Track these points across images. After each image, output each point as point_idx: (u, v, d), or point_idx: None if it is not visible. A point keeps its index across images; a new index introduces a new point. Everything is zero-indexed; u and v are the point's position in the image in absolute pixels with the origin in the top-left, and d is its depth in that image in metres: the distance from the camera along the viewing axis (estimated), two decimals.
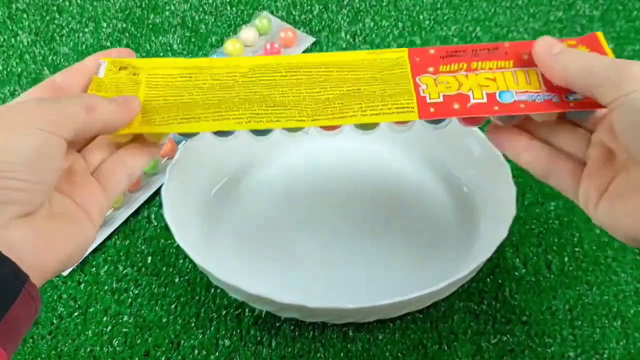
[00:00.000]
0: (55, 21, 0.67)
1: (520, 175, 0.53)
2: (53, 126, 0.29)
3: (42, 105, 0.30)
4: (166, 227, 0.51)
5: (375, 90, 0.35)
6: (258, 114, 0.34)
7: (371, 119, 0.34)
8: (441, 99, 0.34)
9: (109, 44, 0.65)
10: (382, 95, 0.34)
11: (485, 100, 0.34)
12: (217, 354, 0.44)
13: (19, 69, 0.63)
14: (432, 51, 0.36)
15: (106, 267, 0.49)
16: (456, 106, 0.34)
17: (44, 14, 0.68)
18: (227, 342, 0.45)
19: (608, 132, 0.33)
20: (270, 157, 0.54)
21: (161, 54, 0.64)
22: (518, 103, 0.34)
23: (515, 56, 0.35)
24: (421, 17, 0.67)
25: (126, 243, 0.50)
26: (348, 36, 0.66)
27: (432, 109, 0.34)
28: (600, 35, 0.35)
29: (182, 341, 0.45)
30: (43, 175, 0.29)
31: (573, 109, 0.33)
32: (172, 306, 0.47)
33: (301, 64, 0.36)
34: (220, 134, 0.35)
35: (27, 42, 0.65)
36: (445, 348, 0.45)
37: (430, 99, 0.34)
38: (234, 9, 0.69)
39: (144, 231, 0.51)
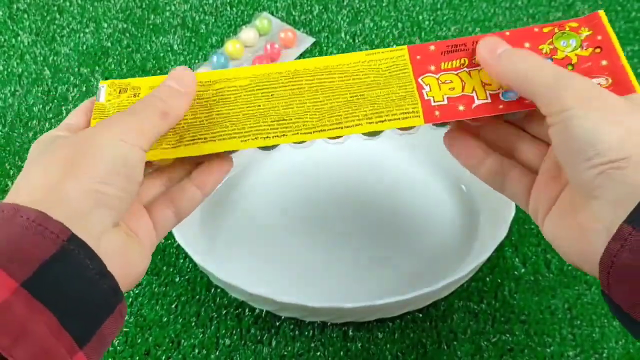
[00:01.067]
0: (56, 21, 0.68)
1: None
2: (134, 137, 0.30)
3: (122, 119, 0.30)
4: None
5: (379, 94, 0.34)
6: (264, 130, 0.34)
7: (377, 126, 0.33)
8: (445, 102, 0.34)
9: (109, 44, 0.65)
10: (386, 100, 0.34)
11: (489, 100, 0.34)
12: (217, 353, 0.44)
13: (20, 69, 0.63)
14: (432, 47, 0.35)
15: None
16: (461, 108, 0.34)
17: (45, 14, 0.68)
18: (227, 341, 0.45)
19: None
20: (271, 157, 0.54)
21: (161, 54, 0.64)
22: (523, 99, 0.33)
23: (517, 44, 0.34)
24: (421, 17, 0.68)
25: None
26: (348, 37, 0.66)
27: (437, 112, 0.34)
28: (602, 14, 0.34)
29: (183, 340, 0.45)
30: (130, 184, 0.29)
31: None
32: (173, 305, 0.47)
33: (301, 71, 0.36)
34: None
35: (28, 43, 0.66)
36: (445, 347, 0.45)
37: (434, 101, 0.34)
38: (234, 9, 0.69)
39: None
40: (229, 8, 0.69)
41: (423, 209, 0.51)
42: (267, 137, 0.34)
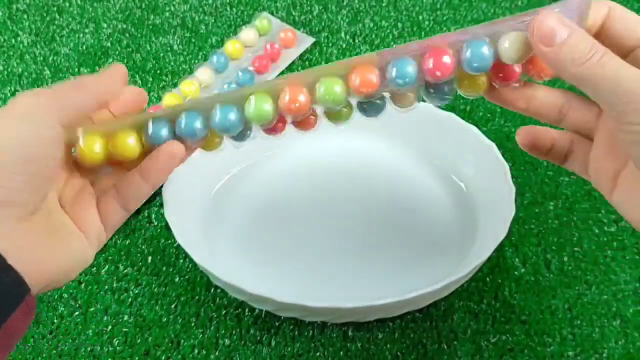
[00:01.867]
0: (56, 22, 0.68)
1: (519, 175, 0.53)
2: (46, 111, 0.28)
3: (35, 94, 0.29)
4: (166, 227, 0.51)
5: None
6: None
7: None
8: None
9: (109, 44, 0.65)
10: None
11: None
12: (217, 353, 0.44)
13: (20, 69, 0.63)
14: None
15: (107, 266, 0.49)
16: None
17: (45, 15, 0.68)
18: (227, 342, 0.45)
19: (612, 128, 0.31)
20: (270, 157, 0.54)
21: (161, 55, 0.64)
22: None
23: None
24: (421, 17, 0.68)
25: (127, 243, 0.50)
26: (348, 36, 0.66)
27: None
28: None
29: (182, 340, 0.45)
30: (40, 165, 0.28)
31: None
32: (172, 305, 0.47)
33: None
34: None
35: (28, 43, 0.66)
36: (445, 347, 0.45)
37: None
38: (234, 9, 0.69)
39: (144, 231, 0.51)
40: (228, 8, 0.69)
41: (423, 208, 0.51)
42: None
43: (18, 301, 0.27)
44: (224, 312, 0.46)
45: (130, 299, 0.47)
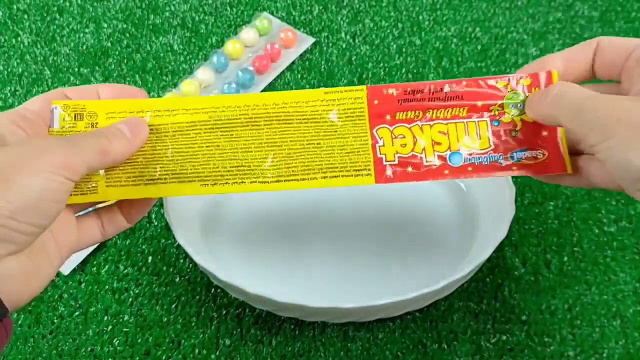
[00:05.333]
0: (56, 22, 0.68)
1: (519, 175, 0.53)
2: (67, 171, 0.29)
3: (59, 146, 0.29)
4: (167, 227, 0.51)
5: (334, 145, 0.36)
6: (222, 176, 0.35)
7: (331, 182, 0.35)
8: (396, 161, 0.36)
9: (109, 44, 0.65)
10: (341, 153, 0.36)
11: (437, 163, 0.36)
12: (217, 353, 0.45)
13: (20, 69, 0.63)
14: (390, 91, 0.36)
15: (107, 266, 0.49)
16: (410, 170, 0.36)
17: (45, 15, 0.68)
18: (227, 342, 0.45)
19: None
20: None
21: (161, 55, 0.64)
22: (466, 166, 0.36)
23: (470, 101, 0.36)
24: (421, 17, 0.68)
25: (127, 242, 0.50)
26: (348, 37, 0.66)
27: (388, 173, 0.36)
28: (555, 75, 0.35)
29: (183, 340, 0.45)
30: (45, 219, 0.29)
31: (515, 174, 0.36)
32: (173, 305, 0.47)
33: (260, 107, 0.36)
34: None
35: (28, 43, 0.66)
36: (445, 347, 0.45)
37: (386, 160, 0.36)
38: (234, 9, 0.69)
39: (144, 231, 0.51)
40: (229, 8, 0.69)
41: (423, 209, 0.51)
42: (227, 183, 0.35)
43: None
44: (224, 312, 0.46)
45: (130, 299, 0.47)
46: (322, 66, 0.63)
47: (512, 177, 0.47)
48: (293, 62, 0.64)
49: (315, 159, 0.35)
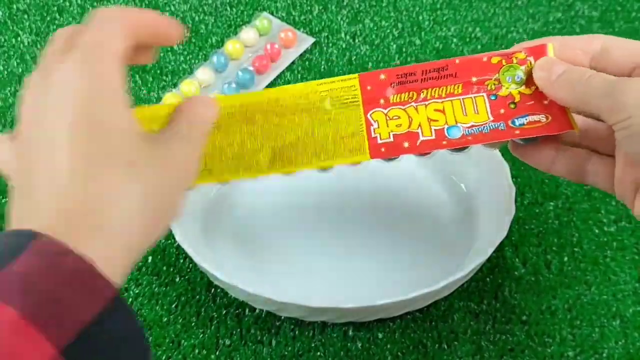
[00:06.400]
0: (56, 22, 0.68)
1: (519, 175, 0.53)
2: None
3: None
4: None
5: (328, 133, 0.36)
6: (219, 167, 0.35)
7: (325, 163, 0.35)
8: (391, 139, 0.35)
9: None
10: (335, 138, 0.35)
11: (433, 137, 0.35)
12: (217, 353, 0.44)
13: (20, 70, 0.63)
14: (382, 76, 0.36)
15: None
16: (406, 144, 0.35)
17: (45, 15, 0.68)
18: (227, 342, 0.45)
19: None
20: None
21: (161, 54, 0.64)
22: (466, 137, 0.35)
23: (464, 79, 0.36)
24: (421, 17, 0.68)
25: None
26: (348, 37, 0.66)
27: (382, 149, 0.35)
28: (550, 47, 0.35)
29: (183, 340, 0.45)
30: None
31: (518, 136, 0.35)
32: (173, 305, 0.47)
33: (257, 108, 0.36)
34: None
35: (28, 43, 0.66)
36: (445, 347, 0.45)
37: (381, 139, 0.35)
38: (234, 9, 0.69)
39: None
40: (229, 8, 0.69)
41: (423, 208, 0.51)
42: (222, 173, 0.35)
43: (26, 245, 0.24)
44: (224, 312, 0.46)
45: (130, 299, 0.47)
46: (322, 66, 0.63)
47: (512, 176, 0.47)
48: (293, 62, 0.64)
49: (309, 147, 0.36)
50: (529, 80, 0.35)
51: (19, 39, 0.66)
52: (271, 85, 0.62)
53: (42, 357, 0.21)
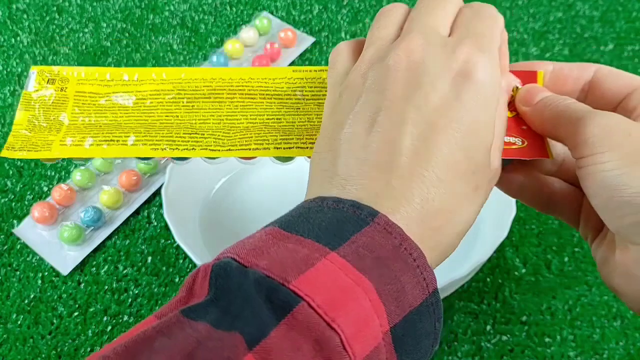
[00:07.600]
0: (55, 21, 0.67)
1: None
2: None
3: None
4: (166, 227, 0.51)
5: (295, 122, 0.34)
6: (174, 141, 0.34)
7: (284, 152, 0.34)
8: None
9: (108, 44, 0.65)
10: (300, 128, 0.34)
11: None
12: None
13: (19, 69, 0.63)
14: None
15: (106, 266, 0.49)
16: None
17: (44, 14, 0.68)
18: None
19: None
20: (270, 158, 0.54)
21: (161, 54, 0.64)
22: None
23: None
24: None
25: (126, 243, 0.50)
26: (348, 36, 0.66)
27: None
28: (540, 75, 0.34)
29: None
30: None
31: None
32: None
33: (226, 81, 0.35)
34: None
35: (27, 42, 0.65)
36: (445, 347, 0.45)
37: None
38: (233, 9, 0.69)
39: (144, 231, 0.51)
40: (228, 8, 0.69)
41: None
42: (177, 148, 0.33)
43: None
44: None
45: (130, 299, 0.47)
46: (322, 65, 0.63)
47: None
48: (293, 62, 0.64)
49: (272, 133, 0.34)
50: (512, 104, 0.34)
51: (18, 38, 0.66)
52: None
53: (381, 329, 0.22)
